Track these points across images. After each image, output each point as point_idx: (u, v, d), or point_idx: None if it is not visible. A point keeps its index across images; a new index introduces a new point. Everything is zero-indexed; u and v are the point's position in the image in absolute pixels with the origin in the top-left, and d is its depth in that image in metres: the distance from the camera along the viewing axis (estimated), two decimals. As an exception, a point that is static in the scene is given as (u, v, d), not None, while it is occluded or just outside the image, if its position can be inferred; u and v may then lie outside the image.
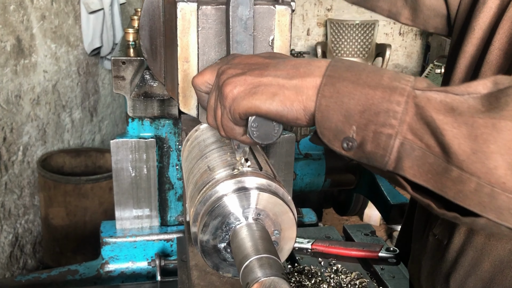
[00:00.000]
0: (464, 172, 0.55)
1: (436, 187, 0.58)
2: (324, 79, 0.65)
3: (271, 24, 0.89)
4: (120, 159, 1.47)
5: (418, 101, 0.58)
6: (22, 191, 3.11)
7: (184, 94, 0.92)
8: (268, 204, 0.81)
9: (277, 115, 0.68)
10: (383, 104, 0.59)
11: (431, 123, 0.57)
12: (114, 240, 1.53)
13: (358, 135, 0.62)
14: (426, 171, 0.58)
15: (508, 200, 0.54)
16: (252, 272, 0.70)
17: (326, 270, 1.32)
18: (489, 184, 0.54)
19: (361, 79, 0.62)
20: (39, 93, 3.16)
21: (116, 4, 3.64)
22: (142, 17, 1.06)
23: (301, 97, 0.66)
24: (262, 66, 0.72)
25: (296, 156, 2.34)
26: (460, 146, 0.55)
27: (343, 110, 0.62)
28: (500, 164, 0.54)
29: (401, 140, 0.59)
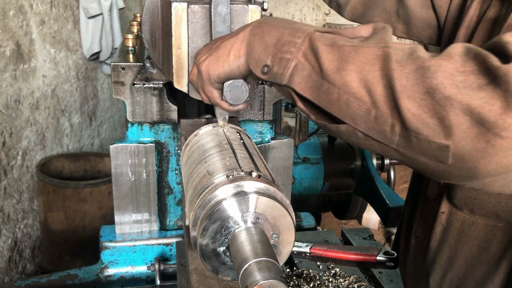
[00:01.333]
0: (331, 85, 0.72)
1: (315, 99, 0.75)
2: (256, 23, 0.87)
3: (245, 20, 1.12)
4: (119, 163, 1.48)
5: (313, 37, 0.77)
6: (21, 196, 3.11)
7: (177, 74, 1.14)
8: (267, 208, 0.82)
9: (236, 69, 0.89)
10: (289, 38, 0.79)
11: (316, 50, 0.75)
12: (114, 245, 1.54)
13: (271, 62, 0.81)
14: (310, 86, 0.75)
15: (358, 107, 0.69)
16: (251, 275, 0.70)
17: (325, 273, 1.33)
18: (346, 94, 0.70)
19: (280, 24, 0.83)
20: (38, 97, 3.17)
21: (115, 9, 3.65)
22: (144, 15, 1.26)
23: (242, 43, 0.87)
24: (222, 38, 0.95)
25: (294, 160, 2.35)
26: (329, 65, 0.72)
27: (264, 43, 0.82)
28: (354, 79, 0.69)
29: (296, 62, 0.77)
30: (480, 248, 1.00)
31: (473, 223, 1.00)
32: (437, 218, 1.05)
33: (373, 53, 0.69)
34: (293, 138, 1.66)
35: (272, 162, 1.56)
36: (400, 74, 0.66)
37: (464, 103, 0.61)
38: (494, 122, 0.59)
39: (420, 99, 0.64)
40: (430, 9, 1.19)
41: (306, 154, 2.52)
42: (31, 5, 3.02)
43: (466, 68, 0.62)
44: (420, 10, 1.21)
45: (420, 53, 0.67)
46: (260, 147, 1.53)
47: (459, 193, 1.00)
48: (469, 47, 0.64)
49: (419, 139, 0.65)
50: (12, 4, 2.83)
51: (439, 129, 0.63)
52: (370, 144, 0.73)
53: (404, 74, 0.65)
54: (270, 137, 1.56)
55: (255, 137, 1.55)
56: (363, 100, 0.69)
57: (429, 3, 1.19)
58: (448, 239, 1.04)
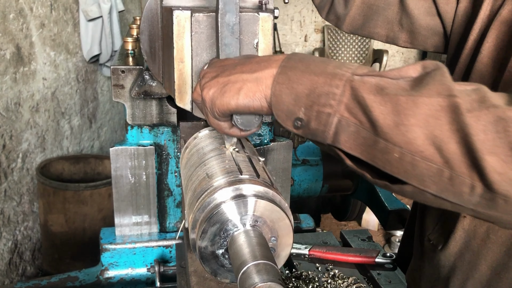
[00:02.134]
0: (389, 143, 0.62)
1: (368, 158, 0.66)
2: (279, 69, 0.75)
3: (255, 29, 1.00)
4: (119, 166, 1.48)
5: (354, 84, 0.66)
6: (22, 198, 3.12)
7: (179, 90, 1.03)
8: (266, 211, 0.82)
9: (245, 108, 0.79)
10: (325, 88, 0.69)
11: (363, 102, 0.65)
12: (114, 247, 1.54)
13: (305, 115, 0.71)
14: (360, 144, 0.66)
15: (427, 167, 0.61)
16: (249, 278, 0.71)
17: (324, 275, 1.34)
18: (410, 153, 0.61)
19: (309, 68, 0.72)
20: (38, 100, 3.18)
21: (114, 11, 3.66)
22: (142, 23, 1.14)
23: (261, 87, 0.76)
24: (232, 66, 0.83)
25: (293, 162, 2.36)
26: (385, 120, 0.62)
27: (293, 94, 0.72)
28: (418, 135, 0.60)
29: (339, 118, 0.67)
30: (507, 254, 0.95)
31: (500, 229, 0.94)
32: (458, 222, 1.00)
33: (437, 103, 0.60)
34: (292, 140, 1.67)
35: (271, 164, 1.57)
36: (476, 127, 0.57)
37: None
38: None
39: (505, 156, 0.56)
40: (435, 16, 1.14)
41: (305, 156, 2.52)
42: (31, 8, 3.03)
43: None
44: (424, 18, 1.16)
45: (492, 98, 0.60)
46: (259, 150, 1.54)
47: None
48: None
49: (508, 202, 0.58)
50: (12, 7, 2.84)
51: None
52: (440, 203, 0.65)
53: (481, 127, 0.57)
54: (269, 139, 1.57)
55: (254, 139, 1.56)
56: (433, 160, 0.60)
57: (434, 10, 1.14)
58: (470, 244, 0.99)
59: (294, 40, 7.13)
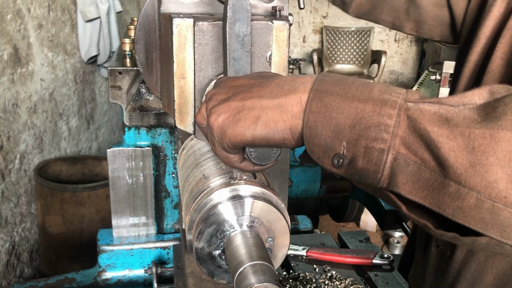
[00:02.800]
0: (463, 187, 0.52)
1: (433, 204, 0.55)
2: (311, 93, 0.62)
3: (268, 40, 0.87)
4: (116, 167, 1.48)
5: (411, 113, 0.55)
6: (19, 199, 3.11)
7: (180, 110, 0.91)
8: (262, 212, 0.82)
9: (263, 140, 0.65)
10: (374, 118, 0.56)
11: (425, 135, 0.54)
12: (111, 248, 1.54)
13: (348, 151, 0.58)
14: (422, 187, 0.55)
15: (510, 216, 0.51)
16: (246, 278, 0.71)
17: (321, 276, 1.33)
18: (490, 199, 0.51)
19: (350, 93, 0.60)
20: (36, 101, 3.18)
21: (112, 12, 3.66)
22: (138, 31, 1.04)
23: (285, 115, 0.63)
24: (246, 88, 0.69)
25: (291, 163, 2.36)
26: (457, 159, 0.52)
27: (332, 125, 0.59)
28: (500, 177, 0.50)
29: (394, 155, 0.55)
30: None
31: None
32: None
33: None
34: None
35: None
36: None
37: None
38: None
39: None
40: (444, 7, 1.11)
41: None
42: (29, 9, 3.03)
43: None
44: (433, 9, 1.13)
45: None
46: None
47: None
48: None
49: None
50: (9, 8, 2.84)
51: None
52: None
53: None
54: (267, 141, 1.57)
55: (252, 140, 1.55)
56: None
57: (444, 1, 1.11)
58: (476, 253, 0.94)
59: (292, 41, 7.13)
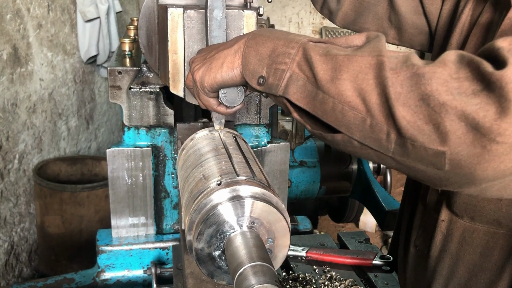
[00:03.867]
0: (326, 95, 0.72)
1: (310, 108, 0.76)
2: (250, 35, 0.88)
3: (240, 24, 1.13)
4: (116, 167, 1.48)
5: (307, 47, 0.77)
6: (18, 199, 3.11)
7: (173, 79, 1.15)
8: (262, 213, 0.82)
9: (229, 79, 0.90)
10: (283, 49, 0.80)
11: (310, 60, 0.75)
12: (110, 249, 1.54)
13: (267, 73, 0.81)
14: (305, 96, 0.76)
15: (353, 116, 0.69)
16: (246, 279, 0.71)
17: (321, 277, 1.33)
18: (341, 103, 0.70)
19: (274, 35, 0.84)
20: (35, 101, 3.17)
21: (112, 12, 3.66)
22: (140, 19, 1.26)
23: (237, 56, 0.88)
24: (216, 47, 0.95)
25: (291, 163, 2.36)
26: (323, 75, 0.73)
27: (258, 55, 0.83)
28: (348, 88, 0.70)
29: (291, 73, 0.78)
30: (482, 255, 0.98)
31: (474, 231, 0.98)
32: (437, 226, 1.03)
33: (367, 61, 0.69)
34: (289, 142, 1.66)
35: (268, 165, 1.57)
36: (395, 81, 0.66)
37: (459, 109, 0.61)
38: (489, 127, 0.59)
39: (415, 106, 0.64)
40: (421, 15, 1.19)
41: (302, 157, 2.52)
42: (28, 9, 3.02)
43: (460, 75, 0.62)
44: (411, 16, 1.20)
45: (414, 60, 0.67)
46: (256, 151, 1.54)
47: (459, 201, 0.98)
48: (462, 54, 0.64)
49: (415, 146, 0.65)
50: (9, 8, 2.83)
51: (435, 136, 0.63)
52: (366, 153, 0.72)
53: (399, 81, 0.65)
54: (267, 141, 1.57)
55: (252, 141, 1.55)
56: (358, 109, 0.69)
57: (421, 9, 1.18)
58: (449, 247, 1.02)
59: (292, 42, 7.11)
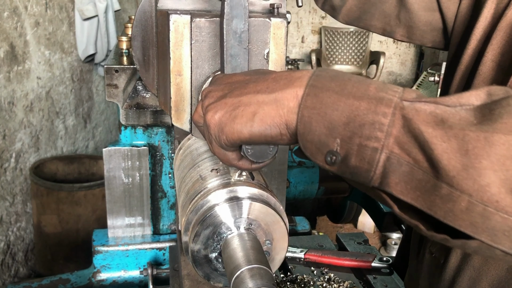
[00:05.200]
0: (454, 190, 0.51)
1: (424, 206, 0.54)
2: (307, 89, 0.61)
3: (266, 37, 0.87)
4: (112, 167, 1.46)
5: (406, 112, 0.54)
6: (15, 198, 3.09)
7: (176, 108, 0.90)
8: (260, 214, 0.80)
9: (260, 137, 0.65)
10: (369, 116, 0.56)
11: (419, 136, 0.53)
12: (106, 249, 1.52)
13: (342, 149, 0.58)
14: (414, 188, 0.54)
15: (502, 220, 0.50)
16: (243, 282, 0.69)
17: (319, 279, 1.32)
18: (482, 203, 0.50)
19: (346, 90, 0.59)
20: (33, 99, 3.15)
21: (110, 11, 3.64)
22: (135, 27, 1.04)
23: (281, 110, 0.63)
24: (242, 84, 0.69)
25: (289, 164, 2.34)
26: (450, 161, 0.51)
27: (327, 121, 0.59)
28: (493, 181, 0.50)
29: (388, 154, 0.55)
30: (509, 272, 0.89)
31: None
32: None
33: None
34: (288, 142, 1.64)
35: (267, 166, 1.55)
36: None
37: None
38: None
39: None
40: (436, 11, 1.11)
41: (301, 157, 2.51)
42: (26, 7, 3.01)
43: None
44: (424, 13, 1.12)
45: None
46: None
47: None
48: None
49: None
50: (6, 6, 2.81)
51: None
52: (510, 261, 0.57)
53: None
54: (265, 141, 1.55)
55: (250, 140, 1.54)
56: (510, 212, 0.50)
57: (435, 5, 1.10)
58: (471, 259, 0.94)
59: (291, 41, 7.12)
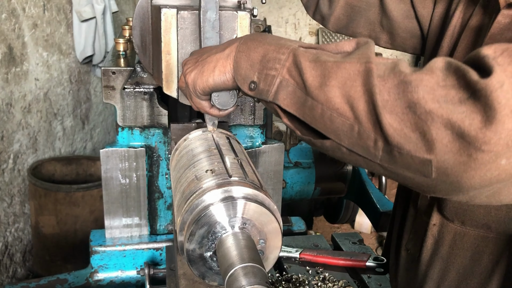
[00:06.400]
0: (314, 101, 0.72)
1: (300, 114, 0.75)
2: (242, 40, 0.87)
3: (234, 26, 1.12)
4: (109, 168, 1.48)
5: (297, 53, 0.77)
6: (13, 199, 3.09)
7: (167, 79, 1.14)
8: (254, 214, 0.82)
9: (221, 83, 0.89)
10: (274, 54, 0.80)
11: (299, 66, 0.75)
12: (104, 249, 1.53)
13: (258, 79, 0.81)
14: (295, 102, 0.76)
15: (342, 122, 0.69)
16: (236, 280, 0.71)
17: (314, 278, 1.33)
18: (329, 110, 0.70)
19: (265, 40, 0.84)
20: (31, 101, 3.16)
21: (108, 12, 3.65)
22: (134, 20, 1.25)
23: (229, 60, 0.87)
24: (208, 51, 0.94)
25: (286, 164, 2.36)
26: (312, 81, 0.72)
27: (250, 60, 0.83)
28: (336, 94, 0.69)
29: (281, 79, 0.78)
30: (472, 259, 0.99)
31: (465, 235, 0.99)
32: (428, 230, 1.04)
33: (355, 68, 0.69)
34: (284, 143, 1.66)
35: (263, 166, 1.57)
36: (382, 89, 0.65)
37: (445, 117, 0.60)
38: (475, 136, 0.59)
39: (401, 114, 0.64)
40: (413, 19, 1.20)
41: (297, 158, 2.52)
42: (24, 9, 3.01)
43: (446, 83, 0.62)
44: (403, 21, 1.21)
45: (402, 67, 0.66)
46: (250, 152, 1.53)
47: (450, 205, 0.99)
48: (449, 62, 0.64)
49: (402, 154, 0.65)
50: (4, 7, 2.82)
51: (421, 144, 0.63)
52: (355, 160, 0.72)
53: (386, 89, 0.65)
54: (261, 142, 1.57)
55: (246, 141, 1.55)
56: (346, 116, 0.69)
57: (412, 13, 1.19)
58: (440, 251, 1.03)
59: (288, 43, 7.12)
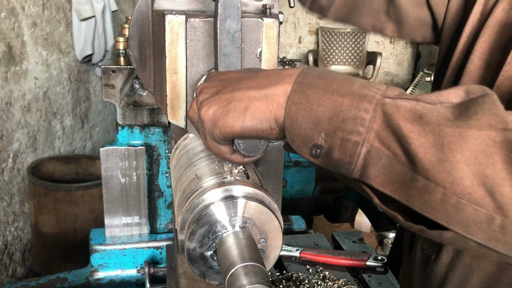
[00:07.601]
0: (430, 182, 0.54)
1: (402, 197, 0.57)
2: (295, 86, 0.65)
3: (258, 37, 0.90)
4: (109, 166, 1.47)
5: (387, 108, 0.57)
6: (12, 198, 3.09)
7: (172, 105, 0.93)
8: (255, 213, 0.82)
9: (252, 130, 0.68)
10: (351, 111, 0.59)
11: (398, 131, 0.56)
12: (104, 248, 1.53)
13: (326, 142, 0.61)
14: (393, 180, 0.57)
15: (474, 212, 0.53)
16: (237, 279, 0.71)
17: (314, 277, 1.33)
18: (455, 195, 0.53)
19: (331, 87, 0.62)
20: (30, 100, 3.16)
21: (108, 11, 3.65)
22: (132, 27, 1.06)
23: (271, 106, 0.66)
24: (235, 81, 0.72)
25: (286, 163, 2.36)
26: (426, 155, 0.54)
27: (312, 116, 0.62)
28: (466, 174, 0.52)
29: (368, 148, 0.58)
30: (499, 267, 0.90)
31: None
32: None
33: (489, 138, 0.52)
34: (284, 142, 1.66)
35: (263, 165, 1.56)
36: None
37: None
38: None
39: None
40: (424, 7, 1.10)
41: (297, 157, 2.52)
42: (23, 7, 3.01)
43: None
44: (413, 9, 1.12)
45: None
46: (251, 151, 1.53)
47: None
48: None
49: None
50: (3, 6, 2.82)
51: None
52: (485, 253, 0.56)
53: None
54: (261, 141, 1.56)
55: (246, 140, 1.55)
56: (483, 204, 0.52)
57: (423, 1, 1.09)
58: (462, 256, 0.95)
59: (288, 42, 7.13)
